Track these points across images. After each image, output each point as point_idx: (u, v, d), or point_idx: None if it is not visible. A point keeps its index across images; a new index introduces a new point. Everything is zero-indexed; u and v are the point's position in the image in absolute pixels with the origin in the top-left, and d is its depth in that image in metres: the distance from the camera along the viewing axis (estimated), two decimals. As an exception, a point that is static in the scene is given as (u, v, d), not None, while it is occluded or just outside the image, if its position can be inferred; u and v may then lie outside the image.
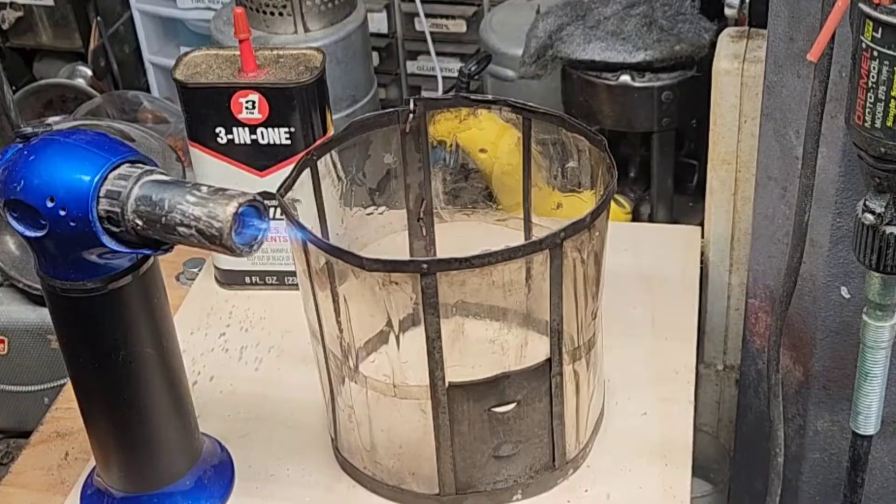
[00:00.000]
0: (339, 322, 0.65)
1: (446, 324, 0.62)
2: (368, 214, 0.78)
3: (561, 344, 0.65)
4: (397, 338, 0.66)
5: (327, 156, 0.72)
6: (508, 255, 0.59)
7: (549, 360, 0.65)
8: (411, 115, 0.74)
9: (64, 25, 1.80)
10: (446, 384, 0.63)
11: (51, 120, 1.48)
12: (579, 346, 0.67)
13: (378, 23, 1.59)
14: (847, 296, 0.80)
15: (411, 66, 1.64)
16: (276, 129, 0.81)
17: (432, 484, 0.67)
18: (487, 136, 0.79)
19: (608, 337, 0.73)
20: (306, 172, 0.70)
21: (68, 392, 0.82)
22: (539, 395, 0.66)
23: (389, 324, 0.66)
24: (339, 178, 0.74)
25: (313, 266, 0.64)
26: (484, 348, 0.75)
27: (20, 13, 1.80)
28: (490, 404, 0.65)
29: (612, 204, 1.12)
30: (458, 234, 0.80)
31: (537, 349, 0.69)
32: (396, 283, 0.60)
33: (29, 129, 0.58)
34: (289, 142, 0.82)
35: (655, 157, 1.08)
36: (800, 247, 0.72)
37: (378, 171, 0.77)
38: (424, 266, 0.58)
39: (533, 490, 0.69)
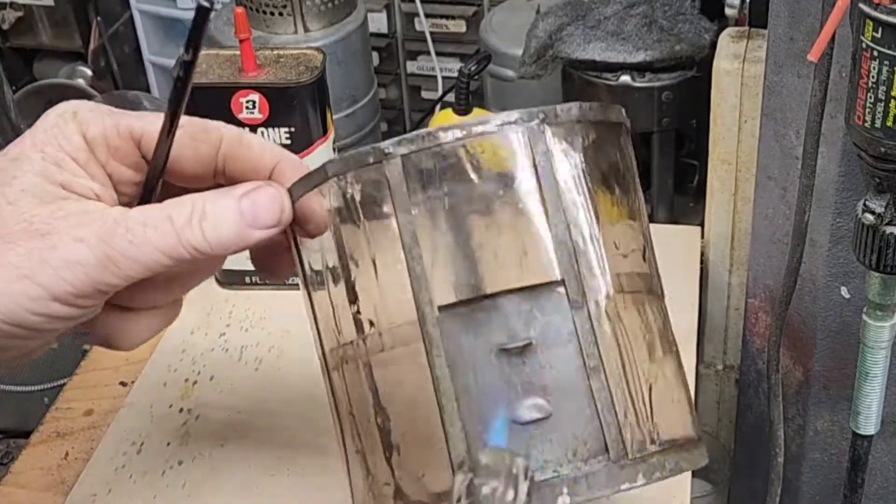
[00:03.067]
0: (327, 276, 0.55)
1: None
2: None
3: (576, 263, 0.50)
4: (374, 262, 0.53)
5: None
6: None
7: (562, 282, 0.49)
8: None
9: (64, 26, 1.80)
10: (435, 310, 0.49)
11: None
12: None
13: (378, 23, 1.58)
14: (847, 296, 0.80)
15: (411, 66, 1.64)
16: (276, 129, 0.81)
17: (447, 478, 0.53)
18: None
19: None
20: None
21: (68, 392, 0.82)
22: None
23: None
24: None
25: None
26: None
27: (20, 13, 1.80)
28: (499, 341, 0.49)
29: (613, 204, 1.12)
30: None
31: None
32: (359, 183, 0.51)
33: None
34: (289, 142, 0.82)
35: (655, 158, 1.08)
36: (800, 247, 0.72)
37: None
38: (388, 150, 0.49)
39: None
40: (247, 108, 0.81)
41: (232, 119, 0.81)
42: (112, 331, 0.53)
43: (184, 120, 0.52)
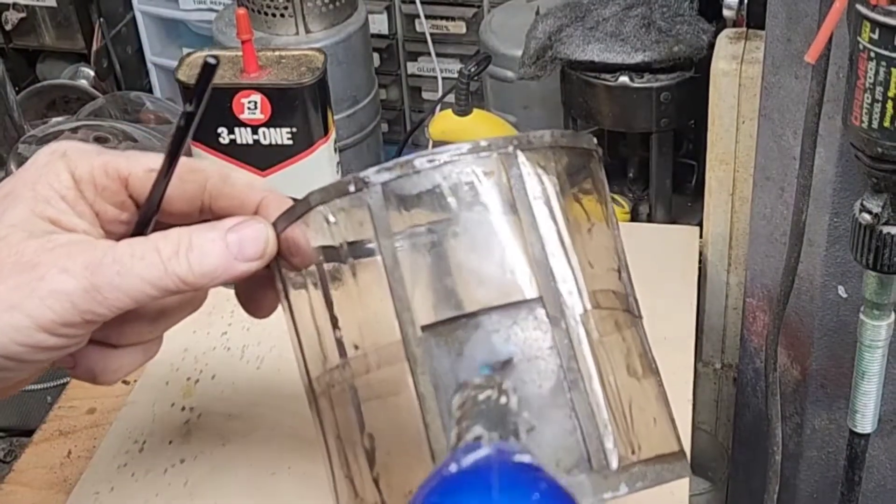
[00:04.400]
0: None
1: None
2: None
3: (553, 281, 0.51)
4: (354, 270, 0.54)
5: None
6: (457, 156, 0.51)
7: (540, 300, 0.51)
8: None
9: (67, 27, 1.81)
10: (418, 329, 0.50)
11: (54, 121, 1.49)
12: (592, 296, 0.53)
13: (379, 24, 1.59)
14: (844, 295, 0.80)
15: (412, 67, 1.65)
16: (278, 130, 0.82)
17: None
18: (484, 135, 0.79)
19: (607, 336, 0.73)
20: None
21: (71, 391, 0.82)
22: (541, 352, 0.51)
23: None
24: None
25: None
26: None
27: (23, 14, 1.80)
28: (481, 358, 0.51)
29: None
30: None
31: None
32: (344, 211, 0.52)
33: None
34: (290, 142, 0.82)
35: (654, 158, 1.09)
36: (797, 246, 0.73)
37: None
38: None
39: None
40: (248, 108, 0.81)
41: (234, 119, 0.81)
42: (95, 366, 0.55)
43: None
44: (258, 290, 0.58)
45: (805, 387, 0.86)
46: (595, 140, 0.57)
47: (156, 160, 0.53)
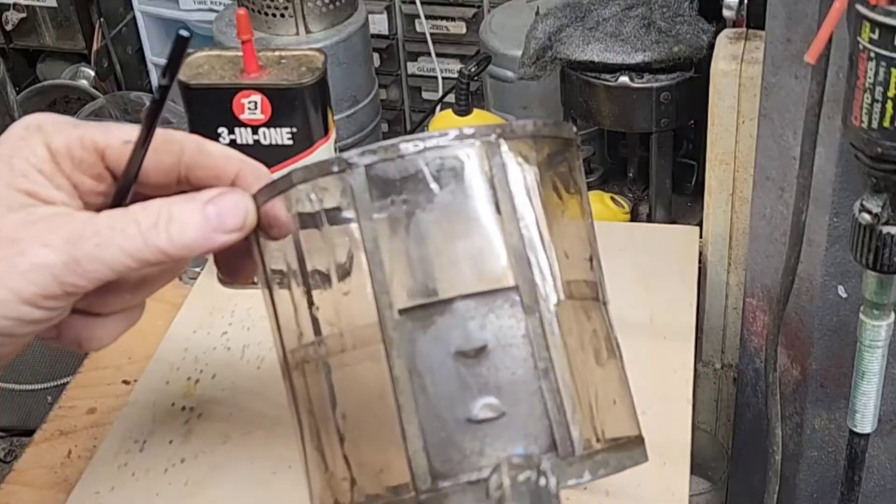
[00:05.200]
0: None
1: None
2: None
3: (530, 271, 0.52)
4: (339, 268, 0.55)
5: None
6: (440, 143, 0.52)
7: (516, 288, 0.52)
8: None
9: (67, 27, 1.81)
10: (395, 313, 0.51)
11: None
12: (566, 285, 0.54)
13: (379, 24, 1.59)
14: (844, 295, 0.80)
15: (412, 68, 1.65)
16: (278, 130, 0.82)
17: (405, 474, 0.53)
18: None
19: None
20: None
21: (71, 391, 0.83)
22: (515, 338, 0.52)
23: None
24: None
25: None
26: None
27: (23, 14, 1.81)
28: (456, 344, 0.51)
29: (612, 204, 1.13)
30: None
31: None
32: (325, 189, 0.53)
33: None
34: (291, 142, 0.82)
35: (654, 158, 1.09)
36: (797, 246, 0.73)
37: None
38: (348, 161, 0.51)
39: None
40: (249, 108, 0.82)
41: (234, 120, 0.82)
42: (80, 335, 0.55)
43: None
44: (236, 259, 0.58)
45: (805, 387, 0.87)
46: (575, 129, 0.57)
47: (131, 132, 0.53)
